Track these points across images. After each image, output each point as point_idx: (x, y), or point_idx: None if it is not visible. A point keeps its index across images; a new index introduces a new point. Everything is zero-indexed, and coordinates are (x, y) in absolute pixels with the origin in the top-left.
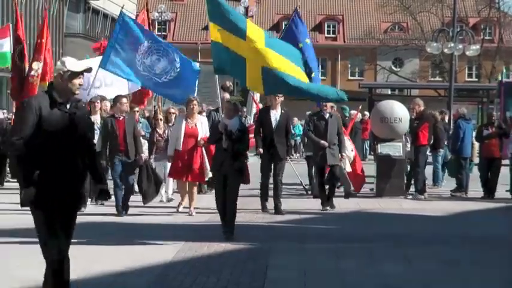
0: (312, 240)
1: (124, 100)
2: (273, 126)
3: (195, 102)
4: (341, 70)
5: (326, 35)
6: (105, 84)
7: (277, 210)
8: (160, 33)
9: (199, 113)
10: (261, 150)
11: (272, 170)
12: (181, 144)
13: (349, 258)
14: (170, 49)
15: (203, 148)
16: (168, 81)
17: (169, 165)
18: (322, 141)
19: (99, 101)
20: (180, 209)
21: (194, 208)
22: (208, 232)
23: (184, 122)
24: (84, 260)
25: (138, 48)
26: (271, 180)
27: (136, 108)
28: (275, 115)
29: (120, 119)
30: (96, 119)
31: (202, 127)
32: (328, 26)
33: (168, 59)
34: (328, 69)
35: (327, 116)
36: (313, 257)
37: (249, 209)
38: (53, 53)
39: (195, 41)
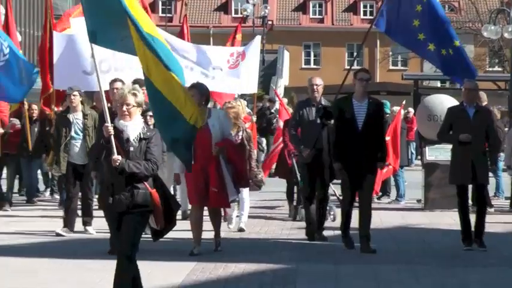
0: (347, 261)
1: (118, 84)
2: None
3: (195, 91)
4: (380, 59)
5: (362, 16)
6: (115, 68)
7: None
8: (165, 15)
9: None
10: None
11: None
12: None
13: (390, 282)
14: None
15: (221, 157)
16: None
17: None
18: (462, 135)
19: (76, 93)
20: (196, 251)
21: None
22: (225, 251)
23: None
24: (86, 280)
25: None
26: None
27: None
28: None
29: None
30: (76, 117)
31: (217, 127)
32: (365, 6)
33: None
34: (366, 58)
35: (472, 111)
36: (348, 281)
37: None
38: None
39: (206, 24)
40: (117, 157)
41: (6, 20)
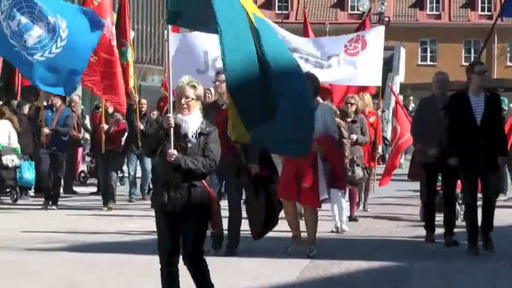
0: (462, 259)
1: (222, 77)
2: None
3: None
4: (498, 55)
5: (480, 12)
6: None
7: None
8: (281, 12)
9: None
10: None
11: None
12: None
13: (505, 281)
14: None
15: (318, 155)
16: (45, 61)
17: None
18: None
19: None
20: (291, 248)
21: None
22: (339, 248)
23: None
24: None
25: None
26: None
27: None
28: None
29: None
30: None
31: (320, 122)
32: (483, 2)
33: (45, 24)
34: (483, 54)
35: None
36: (462, 279)
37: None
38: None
39: (322, 21)
40: (173, 151)
41: (119, 17)
